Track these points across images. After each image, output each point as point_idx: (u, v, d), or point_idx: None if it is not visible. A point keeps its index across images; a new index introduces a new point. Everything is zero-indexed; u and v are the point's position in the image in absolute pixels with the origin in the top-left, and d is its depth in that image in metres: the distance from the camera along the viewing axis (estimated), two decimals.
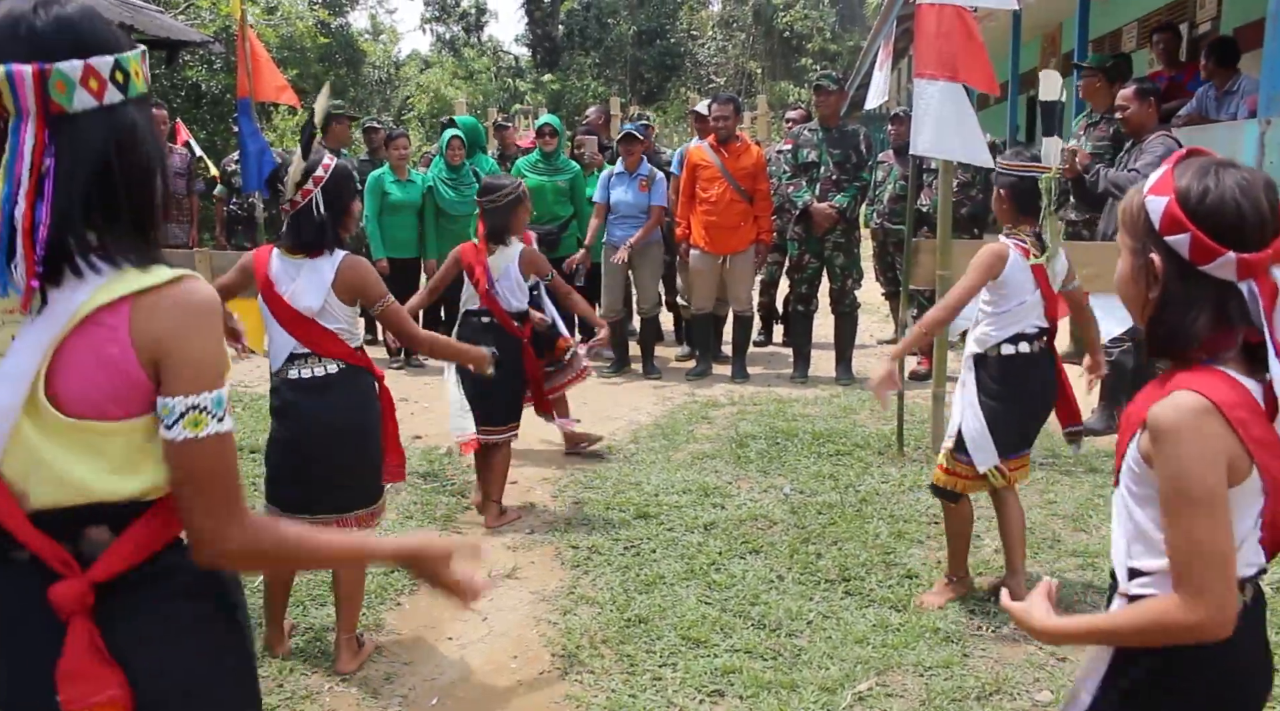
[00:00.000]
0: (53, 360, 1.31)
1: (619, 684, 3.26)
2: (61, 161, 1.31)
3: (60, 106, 1.30)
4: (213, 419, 1.36)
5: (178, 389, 1.35)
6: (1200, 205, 1.50)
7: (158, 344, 1.34)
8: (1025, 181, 3.59)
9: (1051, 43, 13.76)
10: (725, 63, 33.67)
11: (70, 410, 1.33)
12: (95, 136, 1.33)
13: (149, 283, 1.34)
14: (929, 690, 3.20)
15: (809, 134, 7.29)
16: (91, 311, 1.32)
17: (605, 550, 4.28)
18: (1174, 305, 1.54)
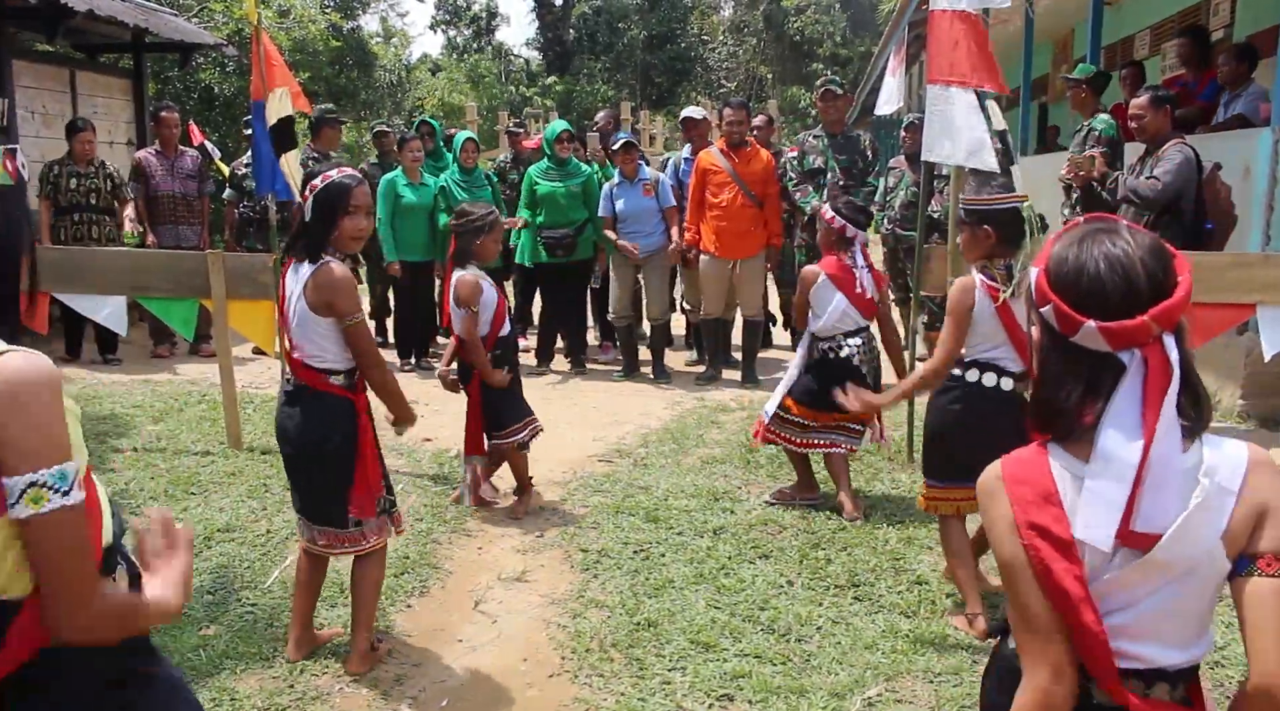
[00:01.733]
0: None
1: (628, 687, 3.26)
2: None
3: None
4: (55, 493, 1.33)
5: (14, 468, 1.31)
6: (1060, 274, 1.48)
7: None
8: (1008, 213, 3.47)
9: (1063, 49, 13.74)
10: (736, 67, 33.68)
11: None
12: None
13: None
14: (938, 696, 3.20)
15: (815, 140, 7.30)
16: None
17: (615, 554, 4.28)
18: (1050, 377, 1.51)
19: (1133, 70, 8.29)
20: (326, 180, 3.17)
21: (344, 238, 3.19)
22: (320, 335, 3.18)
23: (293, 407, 3.25)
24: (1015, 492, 1.49)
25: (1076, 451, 1.48)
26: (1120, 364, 1.44)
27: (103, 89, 10.10)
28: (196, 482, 5.08)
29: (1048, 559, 1.44)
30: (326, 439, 3.20)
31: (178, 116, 8.47)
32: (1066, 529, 1.44)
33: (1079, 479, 1.45)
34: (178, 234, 8.19)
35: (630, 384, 7.56)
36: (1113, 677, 1.44)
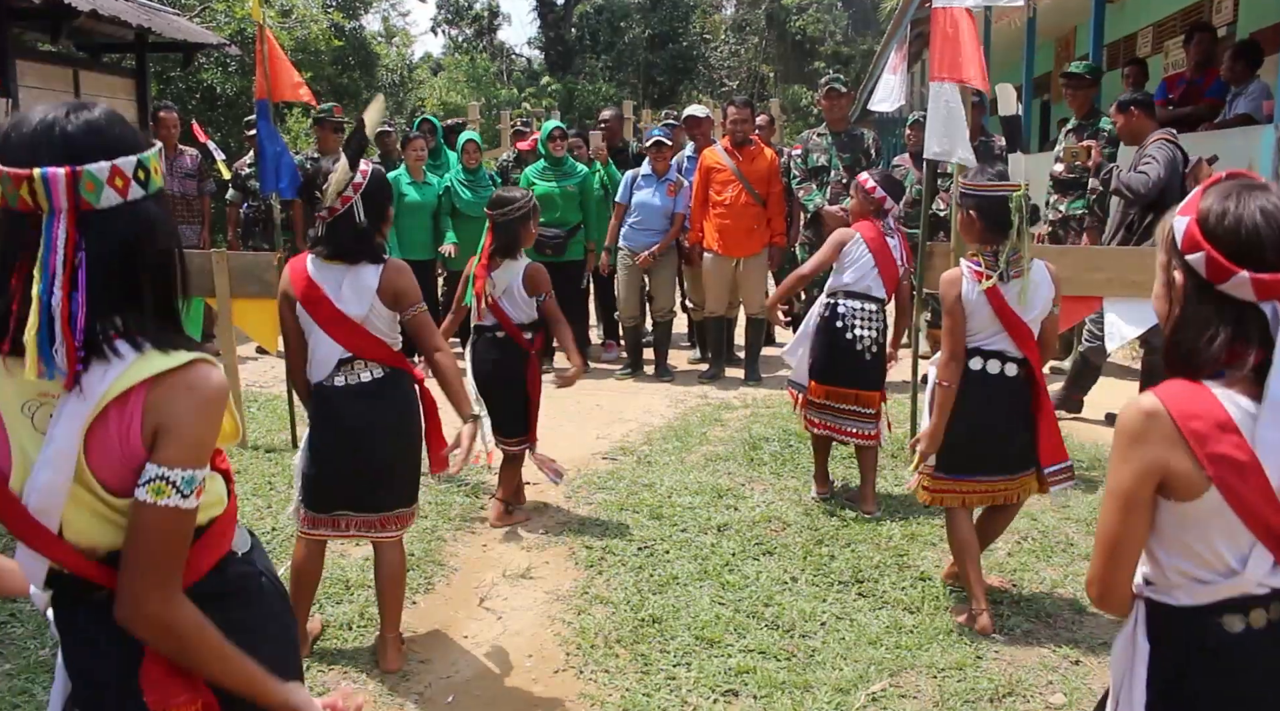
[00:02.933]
0: (86, 439, 1.43)
1: (633, 683, 3.27)
2: (92, 254, 1.42)
3: (89, 204, 1.42)
4: (176, 493, 1.45)
5: (158, 458, 1.44)
6: (1218, 225, 1.55)
7: (160, 420, 1.44)
8: (994, 201, 3.51)
9: (1065, 47, 13.73)
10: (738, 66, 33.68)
11: (105, 485, 1.45)
12: (121, 230, 1.45)
13: (166, 366, 1.45)
14: (942, 691, 3.21)
15: (818, 139, 7.31)
16: (116, 396, 1.42)
17: (619, 550, 4.30)
18: (1192, 323, 1.58)
19: (1135, 68, 8.29)
20: (366, 174, 3.19)
21: (388, 225, 3.34)
22: (387, 321, 3.25)
23: (375, 401, 3.26)
24: (1190, 427, 1.54)
25: (1235, 387, 1.55)
26: (1261, 313, 1.54)
27: (106, 89, 10.11)
28: None
29: (1237, 484, 1.52)
30: (414, 413, 3.34)
31: (177, 116, 8.47)
32: (1249, 452, 1.52)
33: (1251, 415, 1.53)
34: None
35: (633, 382, 7.57)
36: None
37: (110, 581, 1.49)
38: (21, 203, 1.41)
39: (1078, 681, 3.27)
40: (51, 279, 1.40)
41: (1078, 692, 3.21)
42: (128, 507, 1.46)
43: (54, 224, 1.41)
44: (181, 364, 1.46)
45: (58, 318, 1.39)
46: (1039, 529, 4.46)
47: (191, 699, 1.52)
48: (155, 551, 1.46)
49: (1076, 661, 3.39)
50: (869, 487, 4.75)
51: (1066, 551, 4.24)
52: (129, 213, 1.46)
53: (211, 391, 1.47)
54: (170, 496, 1.44)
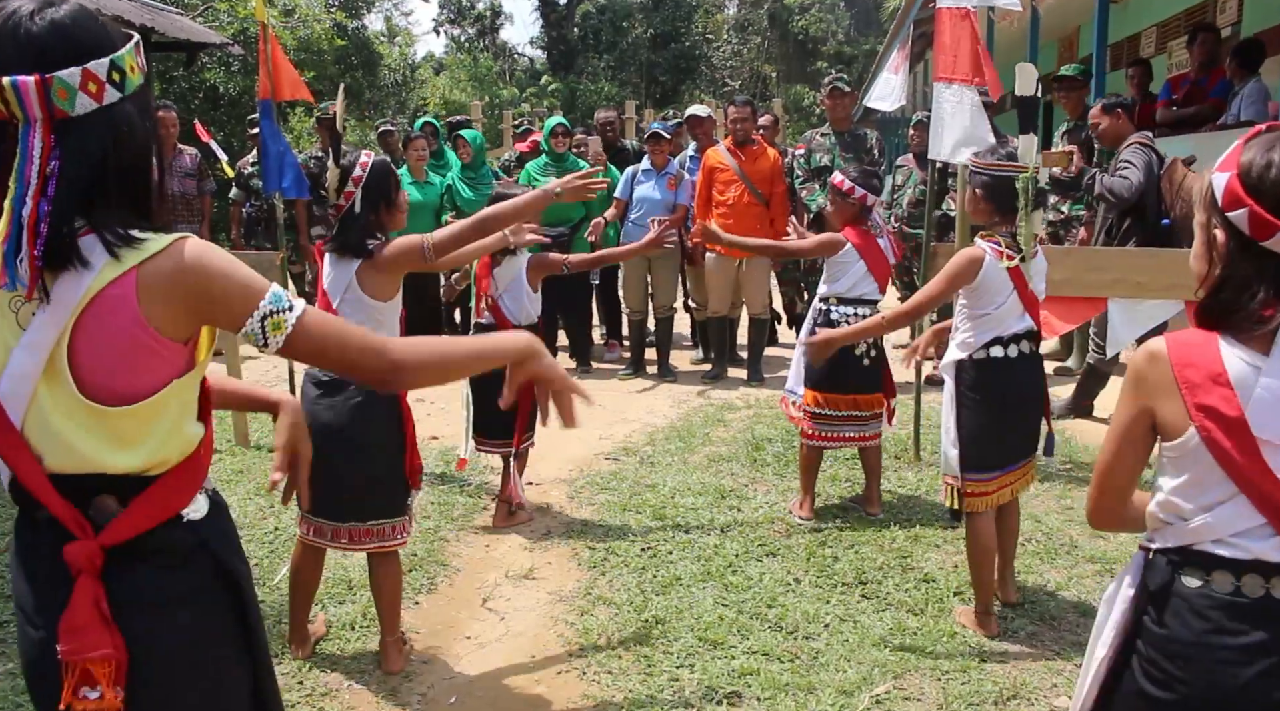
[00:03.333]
0: (71, 343, 1.41)
1: (636, 684, 3.27)
2: (66, 162, 1.39)
3: (63, 111, 1.39)
4: (284, 312, 1.50)
5: (239, 317, 1.48)
6: (1261, 180, 1.52)
7: (181, 303, 1.44)
8: (1001, 181, 3.49)
9: (1068, 47, 13.72)
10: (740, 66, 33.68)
11: (88, 392, 1.43)
12: (96, 135, 1.42)
13: (145, 254, 1.43)
14: (946, 694, 3.20)
15: (821, 139, 7.30)
16: (99, 291, 1.40)
17: (622, 551, 4.29)
18: (1232, 282, 1.56)
19: (1140, 69, 8.29)
20: (367, 166, 3.20)
21: (400, 214, 3.31)
22: (375, 318, 3.16)
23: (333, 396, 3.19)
24: (1183, 375, 1.58)
25: (1250, 343, 1.56)
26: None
27: None
28: None
29: (1219, 437, 1.55)
30: (376, 419, 3.21)
31: (175, 115, 8.45)
32: (1237, 407, 1.54)
33: (1256, 369, 1.54)
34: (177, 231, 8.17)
35: (636, 382, 7.56)
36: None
37: (51, 503, 1.47)
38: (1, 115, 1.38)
39: None
40: (25, 188, 1.37)
41: None
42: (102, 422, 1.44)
43: (29, 133, 1.38)
44: (160, 248, 1.44)
45: (25, 227, 1.37)
46: (1043, 531, 4.45)
47: (107, 655, 1.47)
48: (336, 346, 1.53)
49: (1081, 664, 3.38)
50: (874, 489, 4.73)
51: (1070, 553, 4.23)
52: (105, 117, 1.42)
53: (196, 251, 1.46)
54: (286, 320, 1.49)
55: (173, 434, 1.52)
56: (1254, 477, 1.53)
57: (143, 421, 1.48)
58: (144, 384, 1.46)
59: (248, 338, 1.50)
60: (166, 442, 1.52)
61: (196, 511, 1.60)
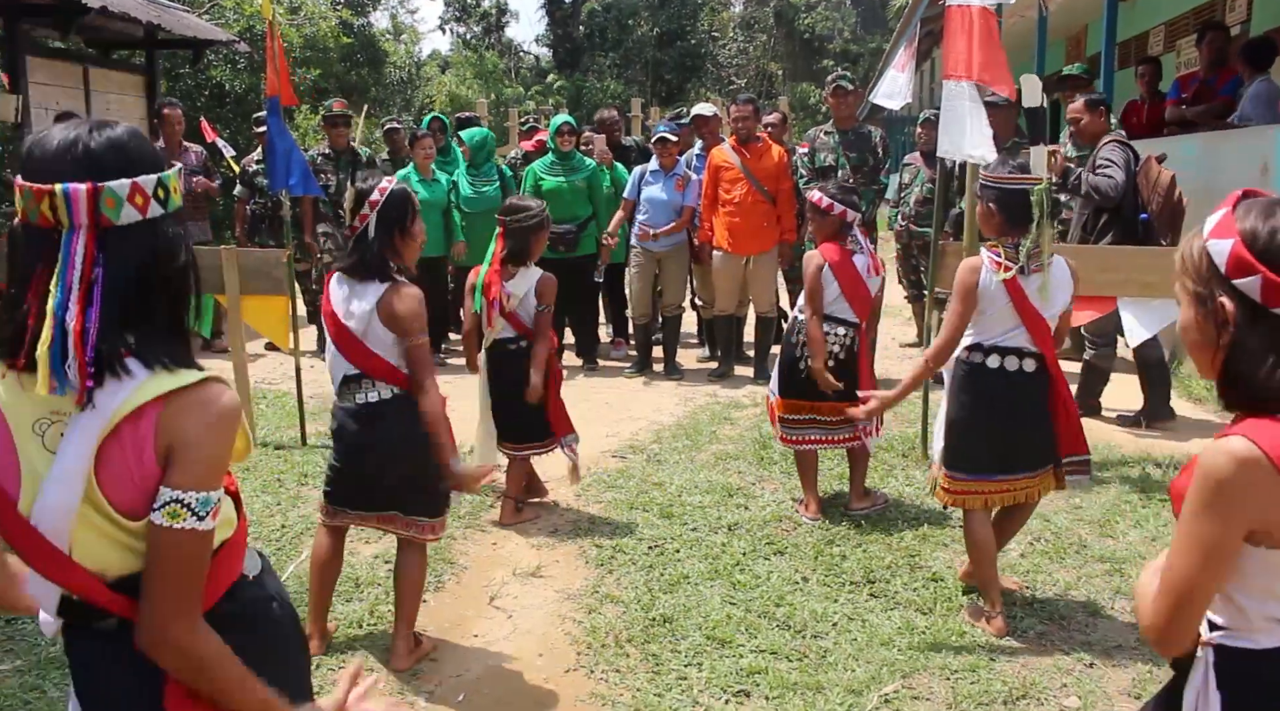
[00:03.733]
0: (98, 459, 1.42)
1: (644, 682, 3.26)
2: (109, 270, 1.43)
3: (109, 220, 1.43)
4: (193, 516, 1.44)
5: (172, 481, 1.43)
6: (1270, 245, 1.45)
7: (173, 440, 1.43)
8: (1015, 194, 3.50)
9: (1076, 45, 13.69)
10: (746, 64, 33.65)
11: (116, 506, 1.44)
12: (139, 247, 1.46)
13: (176, 385, 1.44)
14: (955, 693, 3.19)
15: (825, 137, 7.28)
16: (128, 414, 1.42)
17: (629, 549, 4.28)
18: (1248, 351, 1.47)
19: (1149, 67, 8.26)
20: (385, 192, 3.18)
21: (414, 247, 3.28)
22: (392, 342, 3.18)
23: (375, 426, 3.21)
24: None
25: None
26: None
27: (116, 85, 10.13)
28: None
29: None
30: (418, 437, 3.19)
31: (181, 113, 8.46)
32: None
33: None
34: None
35: (642, 380, 7.55)
36: None
37: (120, 608, 1.48)
38: (42, 218, 1.42)
39: (1092, 684, 3.25)
40: (67, 294, 1.40)
41: (1092, 696, 3.18)
42: (139, 530, 1.45)
43: (73, 239, 1.41)
44: (193, 381, 1.45)
45: (71, 333, 1.39)
46: (1052, 530, 4.43)
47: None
48: (175, 576, 1.45)
49: (1091, 664, 3.37)
50: (856, 484, 4.73)
51: (1080, 553, 4.21)
52: (148, 230, 1.47)
53: (223, 409, 1.46)
54: (186, 519, 1.43)
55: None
56: None
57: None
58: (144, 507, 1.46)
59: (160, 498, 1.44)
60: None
61: (253, 568, 1.66)
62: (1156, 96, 8.21)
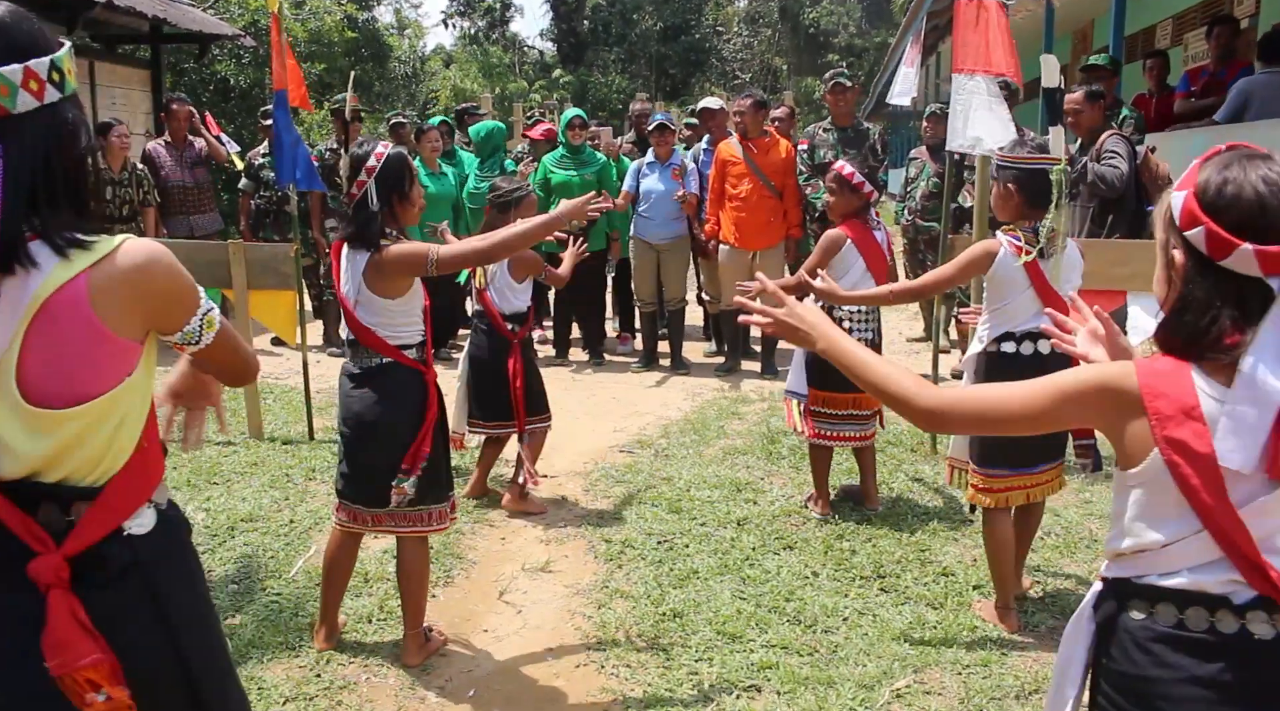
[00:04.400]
0: (20, 347, 1.42)
1: (655, 678, 3.25)
2: (9, 160, 1.40)
3: (5, 109, 1.40)
4: (213, 313, 1.64)
5: (183, 318, 1.59)
6: (1218, 197, 1.46)
7: (135, 303, 1.49)
8: (1037, 175, 3.44)
9: (1083, 39, 13.64)
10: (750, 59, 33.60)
11: (31, 396, 1.44)
12: (38, 134, 1.43)
13: (95, 256, 1.46)
14: (967, 688, 3.18)
15: (824, 134, 7.25)
16: (51, 293, 1.42)
17: (638, 544, 4.27)
18: (1192, 304, 1.49)
19: (1158, 60, 8.23)
20: (381, 157, 3.13)
21: (413, 209, 3.23)
22: (391, 312, 3.14)
23: (363, 387, 3.20)
24: (1153, 406, 1.49)
25: (1214, 374, 1.47)
26: (1269, 289, 1.43)
27: (121, 80, 10.12)
28: (219, 473, 5.09)
29: (1187, 473, 1.46)
30: (399, 411, 3.18)
31: (190, 108, 8.43)
32: (1208, 444, 1.45)
33: (1219, 402, 1.45)
34: (190, 224, 8.14)
35: (649, 374, 7.54)
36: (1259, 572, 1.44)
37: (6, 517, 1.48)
38: None
39: None
40: None
41: None
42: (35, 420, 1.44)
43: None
44: (109, 250, 1.47)
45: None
46: (1062, 525, 4.42)
47: (97, 660, 1.48)
48: (235, 354, 1.73)
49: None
50: (870, 484, 4.70)
51: (1090, 547, 4.20)
52: (47, 116, 1.44)
53: (147, 255, 1.51)
54: (217, 321, 1.63)
55: (116, 438, 1.54)
56: (1219, 516, 1.45)
57: (89, 424, 1.49)
58: (95, 385, 1.48)
59: (185, 336, 1.60)
60: (111, 447, 1.53)
61: (140, 526, 1.59)
62: (1165, 90, 8.17)
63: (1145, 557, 1.54)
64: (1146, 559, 1.53)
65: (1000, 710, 3.07)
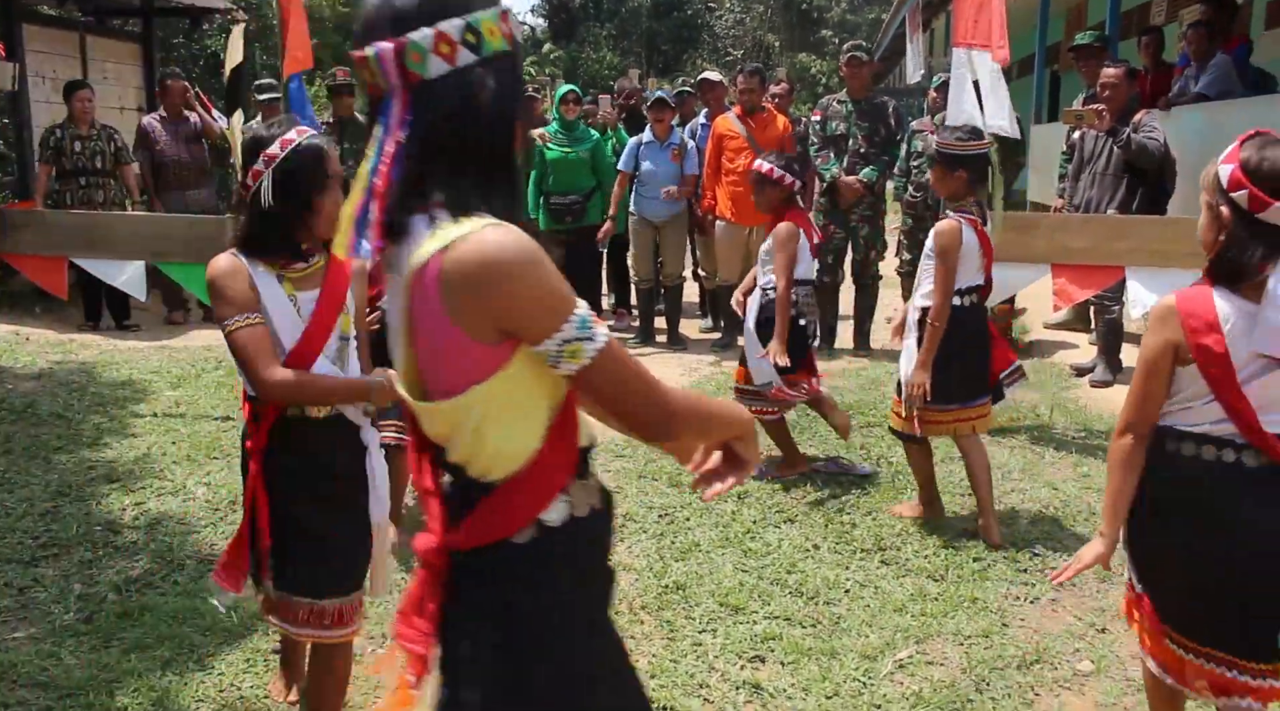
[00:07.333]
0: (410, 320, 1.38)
1: (659, 649, 3.27)
2: (416, 127, 1.35)
3: (417, 75, 1.34)
4: (585, 342, 1.35)
5: (539, 334, 1.34)
6: (1258, 169, 2.08)
7: (483, 302, 1.32)
8: (979, 158, 3.95)
9: (1077, 16, 13.60)
10: (743, 35, 33.45)
11: (420, 386, 1.41)
12: (445, 99, 1.35)
13: (452, 236, 1.32)
14: (969, 658, 3.21)
15: (838, 106, 7.22)
16: (412, 274, 1.34)
17: (640, 518, 4.29)
18: (1236, 244, 2.13)
19: (1153, 37, 8.22)
20: (288, 145, 2.40)
21: (324, 222, 2.42)
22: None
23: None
24: (1188, 323, 2.15)
25: (1248, 294, 2.13)
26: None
27: (113, 54, 10.04)
28: (218, 447, 5.09)
29: (1210, 366, 2.14)
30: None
31: (185, 84, 8.39)
32: (1223, 347, 2.12)
33: (1250, 315, 2.11)
34: (185, 199, 8.12)
35: (645, 351, 7.54)
36: (1259, 433, 2.14)
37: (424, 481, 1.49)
38: (371, 87, 1.37)
39: (1104, 649, 3.27)
40: (380, 158, 1.35)
41: (1105, 660, 3.21)
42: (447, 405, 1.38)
43: (390, 101, 1.35)
44: (464, 233, 1.32)
45: (374, 196, 1.35)
46: (1060, 498, 4.45)
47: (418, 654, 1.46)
48: (624, 388, 1.39)
49: (1103, 629, 3.39)
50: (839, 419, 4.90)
51: (1089, 520, 4.23)
52: (456, 81, 1.36)
53: (503, 249, 1.31)
54: (585, 351, 1.35)
55: (479, 445, 1.40)
56: (1228, 395, 2.14)
57: (446, 420, 1.40)
58: (443, 381, 1.38)
59: (541, 355, 1.35)
60: (477, 454, 1.41)
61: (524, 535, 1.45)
62: (1161, 67, 8.16)
63: (1181, 413, 2.23)
64: (1181, 414, 2.23)
65: (1002, 680, 3.10)
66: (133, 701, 2.94)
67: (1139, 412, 2.25)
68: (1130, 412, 2.26)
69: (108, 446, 5.04)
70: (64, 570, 3.76)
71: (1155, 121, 5.79)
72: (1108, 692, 3.06)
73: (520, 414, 1.40)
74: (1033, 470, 4.81)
